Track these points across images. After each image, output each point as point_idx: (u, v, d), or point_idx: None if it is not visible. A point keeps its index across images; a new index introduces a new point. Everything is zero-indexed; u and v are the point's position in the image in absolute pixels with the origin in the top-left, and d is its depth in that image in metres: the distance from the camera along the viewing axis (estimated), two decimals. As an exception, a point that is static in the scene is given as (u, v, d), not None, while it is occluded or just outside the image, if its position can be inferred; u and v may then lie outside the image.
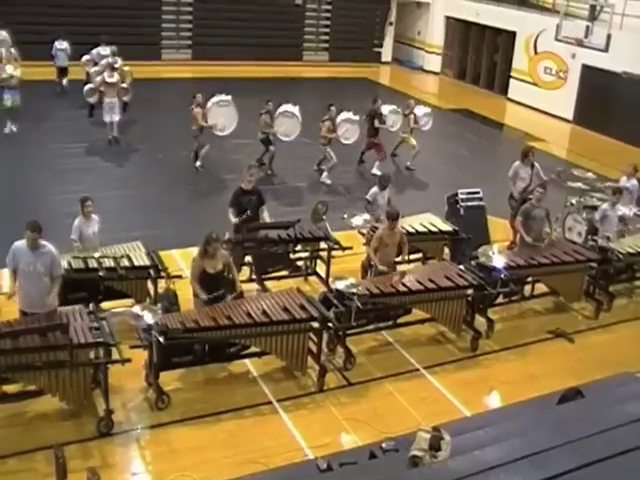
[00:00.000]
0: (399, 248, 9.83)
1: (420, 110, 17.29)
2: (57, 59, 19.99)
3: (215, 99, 15.67)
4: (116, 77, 16.55)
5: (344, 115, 15.96)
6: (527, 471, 4.67)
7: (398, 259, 9.98)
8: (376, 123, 16.22)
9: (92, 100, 17.50)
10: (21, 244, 7.56)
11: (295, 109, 15.71)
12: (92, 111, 17.73)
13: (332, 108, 15.72)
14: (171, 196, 13.79)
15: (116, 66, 17.23)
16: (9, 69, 16.35)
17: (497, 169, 15.63)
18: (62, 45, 19.89)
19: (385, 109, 16.66)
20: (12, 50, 17.39)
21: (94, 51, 18.94)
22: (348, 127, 15.88)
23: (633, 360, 8.58)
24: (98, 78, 16.78)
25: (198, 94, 15.49)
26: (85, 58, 18.95)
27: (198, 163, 15.61)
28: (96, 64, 18.20)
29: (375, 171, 16.22)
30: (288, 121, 15.52)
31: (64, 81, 20.10)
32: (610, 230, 11.41)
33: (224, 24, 25.32)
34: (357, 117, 16.08)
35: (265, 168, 15.40)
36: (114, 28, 21.24)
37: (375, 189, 11.13)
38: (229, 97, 15.92)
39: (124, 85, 17.02)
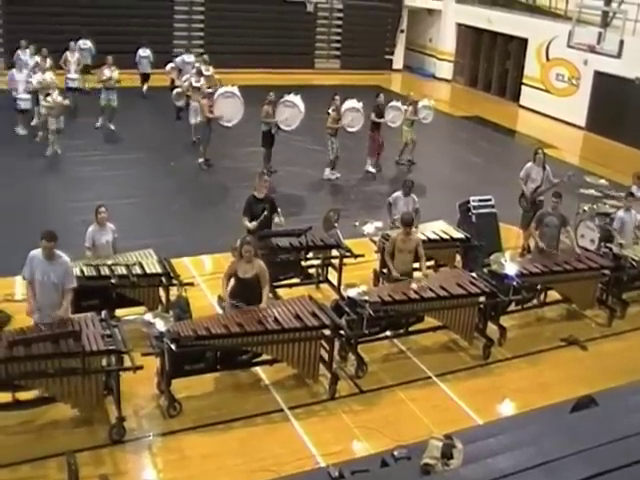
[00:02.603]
0: (416, 255, 9.75)
1: (420, 102, 17.47)
2: (140, 66, 20.82)
3: (221, 90, 15.93)
4: (202, 82, 17.13)
5: (348, 103, 16.13)
6: (540, 480, 4.65)
7: (416, 265, 9.93)
8: (372, 117, 16.41)
9: (180, 103, 18.38)
10: (37, 253, 7.56)
11: (296, 98, 15.83)
12: (179, 114, 18.35)
13: (336, 97, 16.00)
14: (183, 204, 13.85)
15: (207, 74, 18.02)
16: (108, 72, 17.56)
17: (509, 176, 15.57)
18: (145, 53, 20.81)
19: (387, 104, 16.79)
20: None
21: (178, 59, 19.81)
22: (353, 115, 16.01)
23: (647, 368, 8.53)
24: (185, 83, 17.46)
25: (203, 85, 16.07)
26: (169, 66, 19.72)
27: (200, 160, 15.93)
28: (180, 71, 18.99)
29: (368, 167, 16.67)
30: (289, 110, 15.63)
31: (144, 87, 20.87)
32: (626, 236, 11.32)
33: (235, 32, 25.45)
34: (361, 104, 16.21)
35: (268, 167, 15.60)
36: (125, 37, 21.38)
37: (398, 193, 11.11)
38: (234, 88, 16.12)
39: (209, 90, 17.33)
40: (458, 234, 11.24)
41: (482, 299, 9.48)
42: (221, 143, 16.65)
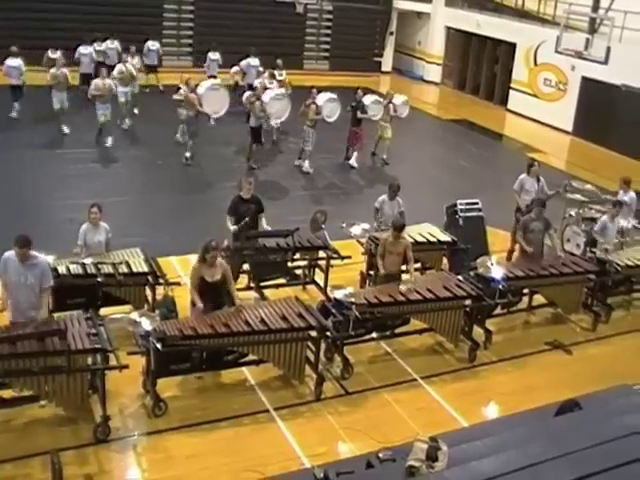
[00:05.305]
0: (404, 258, 9.77)
1: (398, 99, 17.89)
2: (208, 69, 21.26)
3: (207, 84, 16.30)
4: (275, 84, 17.76)
5: (325, 95, 16.70)
6: (524, 483, 4.68)
7: (403, 268, 9.95)
8: (358, 114, 16.88)
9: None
10: (11, 254, 7.43)
11: (282, 90, 16.70)
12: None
13: (314, 90, 16.64)
14: (170, 203, 13.80)
15: (280, 78, 18.74)
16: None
17: (496, 180, 15.70)
18: (215, 56, 21.36)
19: (367, 100, 17.20)
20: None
21: (243, 62, 20.36)
22: (331, 106, 16.62)
23: (631, 372, 8.57)
24: (258, 84, 17.78)
25: (189, 79, 16.15)
26: (235, 69, 20.38)
27: (188, 154, 16.03)
28: (245, 74, 19.81)
29: (352, 162, 17.20)
30: (279, 103, 16.27)
31: None
32: (609, 242, 11.42)
33: (225, 32, 25.36)
34: (335, 95, 16.85)
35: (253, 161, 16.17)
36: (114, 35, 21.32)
37: (384, 197, 11.13)
38: (218, 80, 17.02)
39: (284, 91, 17.96)
40: (445, 237, 11.27)
41: (468, 302, 9.51)
42: (209, 142, 16.64)
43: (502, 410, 8.50)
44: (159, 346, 7.45)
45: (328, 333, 8.43)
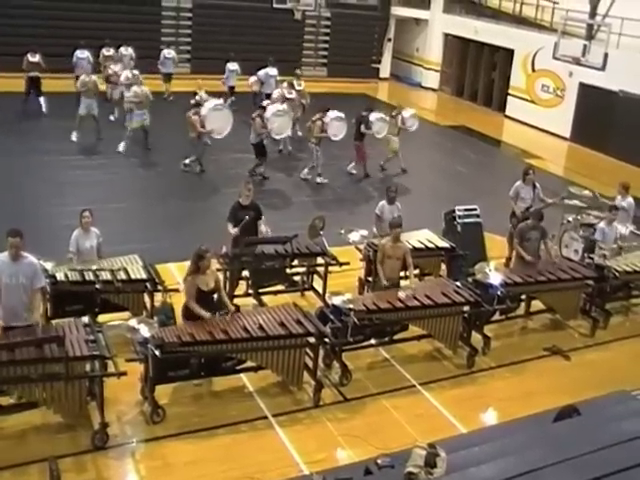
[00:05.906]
0: (404, 263, 9.77)
1: (407, 112, 17.92)
2: (227, 80, 21.68)
3: (210, 104, 16.13)
4: (295, 94, 18.10)
5: (333, 114, 16.57)
6: (523, 489, 4.68)
7: (402, 274, 9.96)
8: (362, 128, 16.78)
9: None
10: (2, 256, 7.41)
11: (284, 106, 16.43)
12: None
13: (327, 111, 16.54)
14: (168, 209, 13.82)
15: (299, 88, 18.97)
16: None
17: (494, 186, 15.71)
18: (234, 66, 21.67)
19: (372, 116, 17.11)
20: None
21: (261, 72, 20.43)
22: (337, 125, 16.49)
23: (629, 378, 8.58)
24: (277, 94, 17.79)
25: (200, 90, 16.46)
26: (252, 79, 20.49)
27: (187, 161, 16.14)
28: (262, 84, 19.90)
29: (351, 169, 17.23)
30: (280, 119, 16.04)
31: (229, 100, 20.97)
32: (607, 247, 11.41)
33: (223, 39, 25.45)
34: (343, 114, 16.67)
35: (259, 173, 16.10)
36: (114, 42, 21.33)
37: (383, 202, 11.14)
38: (221, 100, 16.83)
39: (303, 101, 18.47)
40: (443, 243, 11.26)
41: (466, 308, 9.51)
42: (210, 148, 16.66)
43: (501, 416, 8.49)
44: (157, 353, 7.44)
45: (326, 339, 8.42)
